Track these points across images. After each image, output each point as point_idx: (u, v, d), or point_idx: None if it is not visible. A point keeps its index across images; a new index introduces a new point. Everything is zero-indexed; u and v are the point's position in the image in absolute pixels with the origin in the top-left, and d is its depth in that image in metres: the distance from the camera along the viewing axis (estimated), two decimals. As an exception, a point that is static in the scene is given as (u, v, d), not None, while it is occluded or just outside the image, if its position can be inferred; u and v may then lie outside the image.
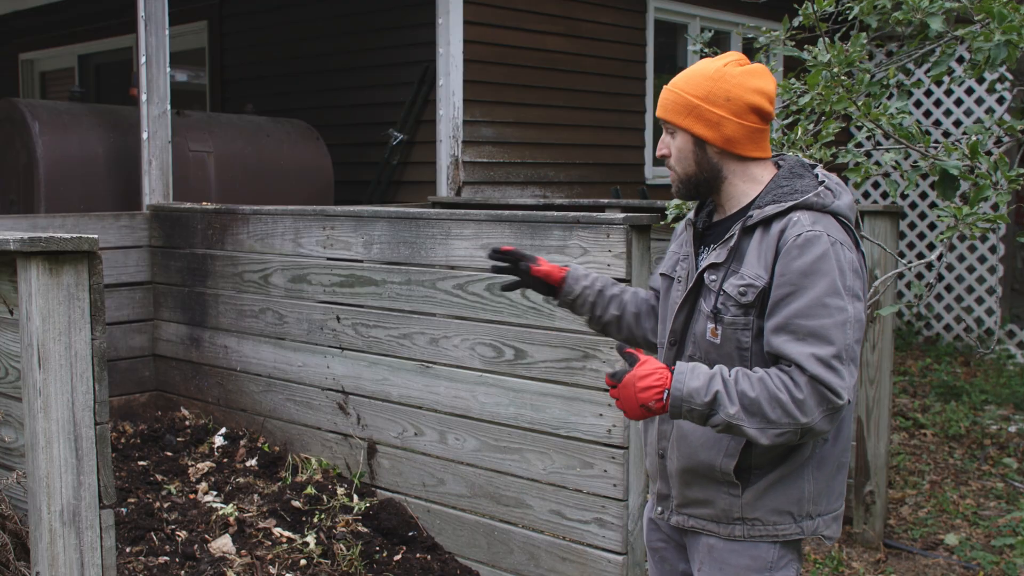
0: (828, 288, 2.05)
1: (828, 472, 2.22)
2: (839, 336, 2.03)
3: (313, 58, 7.62)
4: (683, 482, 2.27)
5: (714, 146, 2.21)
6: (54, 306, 2.51)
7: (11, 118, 5.56)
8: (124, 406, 5.02)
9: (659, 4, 7.81)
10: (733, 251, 2.18)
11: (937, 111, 8.55)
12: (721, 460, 2.19)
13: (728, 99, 2.19)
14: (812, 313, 2.04)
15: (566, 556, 3.64)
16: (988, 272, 8.38)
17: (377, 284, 4.14)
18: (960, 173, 3.04)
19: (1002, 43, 3.18)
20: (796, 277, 2.06)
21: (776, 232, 2.12)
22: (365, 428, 4.26)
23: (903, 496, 5.36)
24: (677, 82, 2.26)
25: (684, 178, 2.26)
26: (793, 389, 2.01)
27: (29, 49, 10.49)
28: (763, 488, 2.18)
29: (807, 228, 2.09)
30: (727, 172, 2.24)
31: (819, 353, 2.01)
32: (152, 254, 5.11)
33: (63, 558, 2.55)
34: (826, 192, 2.17)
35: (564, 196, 7.12)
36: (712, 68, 2.22)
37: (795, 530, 2.21)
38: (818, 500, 2.22)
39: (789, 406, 2.01)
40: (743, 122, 2.19)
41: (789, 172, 2.22)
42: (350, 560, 3.78)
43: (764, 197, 2.19)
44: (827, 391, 2.01)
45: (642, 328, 2.52)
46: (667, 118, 2.26)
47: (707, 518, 2.26)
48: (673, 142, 2.26)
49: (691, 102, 2.20)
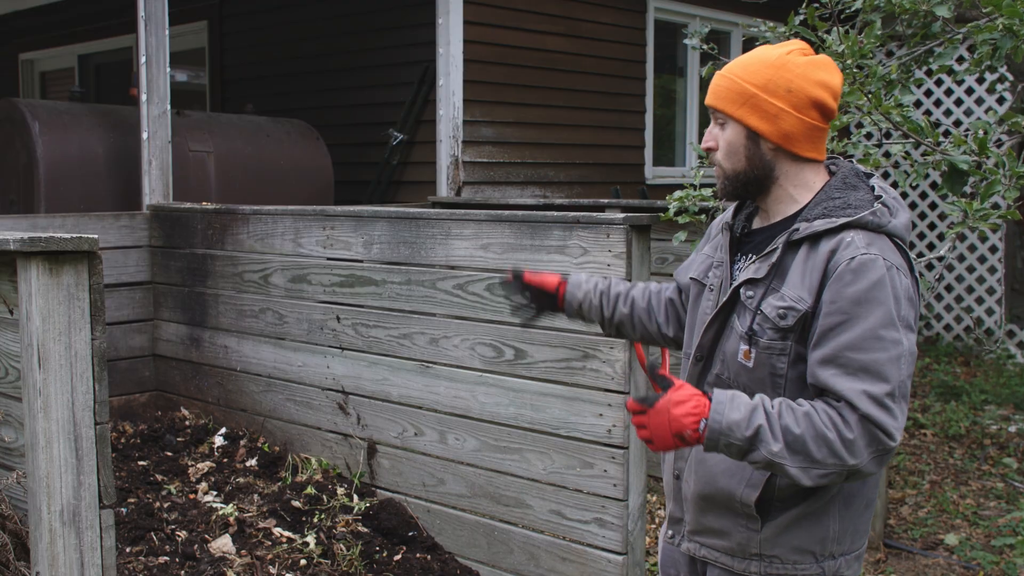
0: (883, 319, 1.86)
1: (855, 510, 2.05)
2: (893, 372, 1.86)
3: (313, 58, 7.63)
4: (698, 508, 2.11)
5: (769, 141, 2.01)
6: (54, 306, 2.51)
7: (11, 118, 5.56)
8: (124, 406, 5.02)
9: (659, 4, 7.81)
10: (775, 267, 1.98)
11: (937, 111, 8.56)
12: (743, 490, 2.02)
13: (789, 90, 1.98)
14: (865, 346, 1.86)
15: (566, 556, 3.64)
16: (988, 272, 8.38)
17: (377, 284, 4.14)
18: (968, 168, 3.03)
19: (1006, 33, 3.18)
20: (848, 305, 1.87)
21: (825, 252, 1.92)
22: (365, 428, 4.26)
23: (903, 496, 5.36)
24: (733, 68, 2.05)
25: (732, 175, 2.06)
26: (843, 428, 1.84)
27: (29, 49, 10.49)
28: (785, 524, 2.01)
29: (861, 251, 1.89)
30: (779, 172, 2.03)
31: (872, 391, 1.84)
32: (152, 254, 5.11)
33: (63, 558, 2.55)
34: (883, 210, 1.97)
35: (564, 196, 7.13)
36: (774, 55, 2.02)
37: (815, 571, 2.04)
38: (842, 539, 2.04)
39: (837, 446, 1.83)
40: (803, 117, 1.99)
41: (843, 182, 2.02)
42: (350, 560, 3.78)
43: (813, 209, 1.99)
44: (879, 431, 1.84)
45: (655, 322, 2.37)
46: (719, 107, 2.05)
47: (721, 550, 2.09)
48: (722, 134, 2.06)
49: (748, 90, 2.00)
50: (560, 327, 3.59)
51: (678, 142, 8.44)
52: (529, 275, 2.42)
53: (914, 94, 3.49)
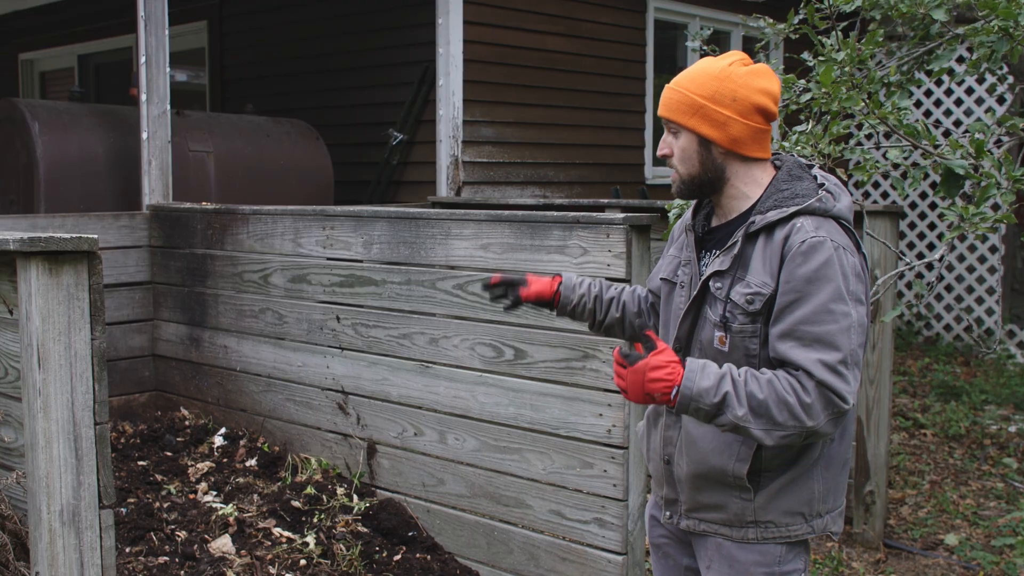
0: (833, 294, 2.06)
1: (835, 471, 2.25)
2: (844, 341, 2.05)
3: (313, 58, 7.63)
4: (693, 487, 2.27)
5: (719, 146, 2.20)
6: (54, 306, 2.51)
7: (11, 118, 5.56)
8: (124, 406, 5.02)
9: (659, 4, 7.81)
10: (737, 258, 2.18)
11: (937, 111, 8.55)
12: (733, 465, 2.19)
13: (734, 99, 2.17)
14: (817, 319, 2.05)
15: (566, 556, 3.64)
16: (988, 272, 8.38)
17: (377, 284, 4.14)
18: (965, 172, 3.04)
19: (1001, 36, 3.18)
20: (801, 284, 2.07)
21: (780, 238, 2.12)
22: (365, 428, 4.26)
23: (903, 496, 5.36)
24: (681, 81, 2.24)
25: (687, 179, 2.25)
26: (801, 393, 2.03)
27: (29, 49, 10.49)
28: (775, 491, 2.20)
29: (811, 235, 2.09)
30: (730, 173, 2.22)
31: (826, 359, 2.04)
32: (152, 254, 5.10)
33: (63, 558, 2.55)
34: (827, 196, 2.17)
35: (564, 196, 7.12)
36: (717, 67, 2.20)
37: (806, 529, 2.23)
38: (826, 498, 2.24)
39: (796, 409, 2.03)
40: (748, 122, 2.18)
41: (788, 174, 2.22)
42: (350, 560, 3.78)
43: (765, 202, 2.18)
44: (834, 396, 2.04)
45: (645, 326, 2.54)
46: (671, 117, 2.23)
47: (719, 522, 2.26)
48: (676, 142, 2.25)
49: (697, 102, 2.19)
50: (560, 327, 3.58)
51: (678, 142, 8.42)
52: (525, 292, 2.54)
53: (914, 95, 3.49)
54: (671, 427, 2.31)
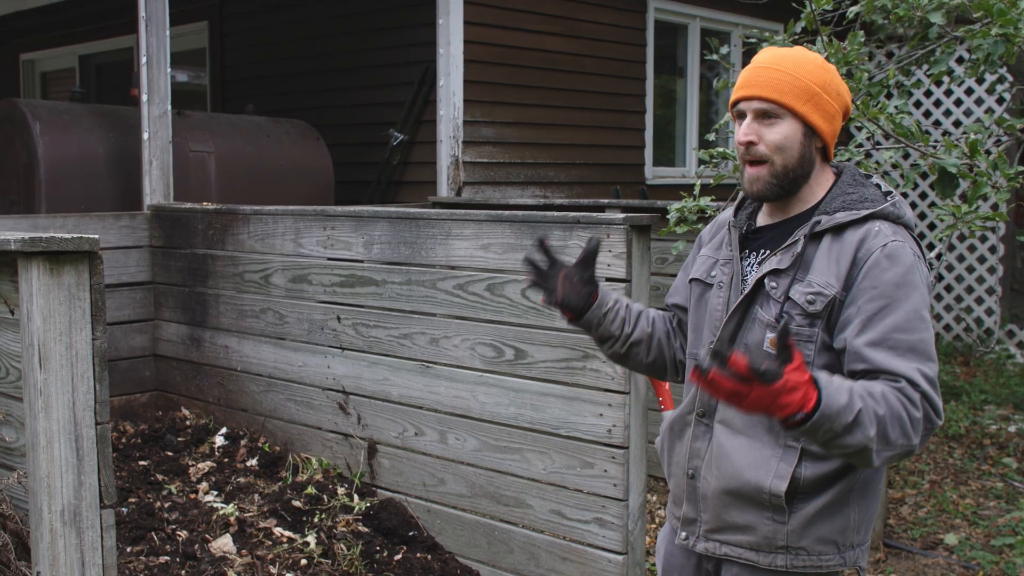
0: (921, 301, 1.94)
1: (870, 499, 2.10)
2: (933, 352, 1.93)
3: (313, 58, 7.63)
4: (721, 504, 2.09)
5: (821, 139, 2.06)
6: (55, 306, 2.51)
7: (12, 118, 5.57)
8: (125, 406, 5.03)
9: (659, 4, 7.82)
10: (799, 258, 2.02)
11: (937, 111, 8.56)
12: (771, 482, 2.01)
13: (839, 93, 2.07)
14: (911, 327, 1.92)
15: (566, 556, 3.65)
16: (988, 272, 8.38)
17: (377, 284, 4.15)
18: (959, 171, 3.04)
19: (1000, 39, 3.18)
20: (890, 289, 1.93)
21: (853, 241, 1.98)
22: (365, 428, 4.26)
23: (903, 496, 5.36)
24: (785, 64, 2.05)
25: (782, 171, 2.04)
26: (910, 407, 1.87)
27: (30, 49, 10.49)
28: (810, 515, 2.03)
29: (891, 239, 1.97)
30: (812, 171, 2.09)
31: (924, 370, 1.90)
32: (153, 254, 5.11)
33: (64, 558, 2.55)
34: (900, 202, 2.07)
35: (564, 196, 7.13)
36: (819, 58, 2.08)
37: (838, 561, 2.06)
38: (859, 528, 2.09)
39: (908, 426, 1.86)
40: (842, 121, 2.10)
41: (852, 179, 2.10)
42: (350, 560, 3.79)
43: (831, 203, 2.05)
44: (931, 410, 1.89)
45: (672, 347, 2.34)
46: (781, 100, 2.02)
47: (746, 546, 2.08)
48: (772, 128, 2.04)
49: (812, 88, 2.03)
50: (560, 327, 3.59)
51: (678, 142, 8.45)
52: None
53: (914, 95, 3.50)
54: (699, 438, 2.14)
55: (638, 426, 3.46)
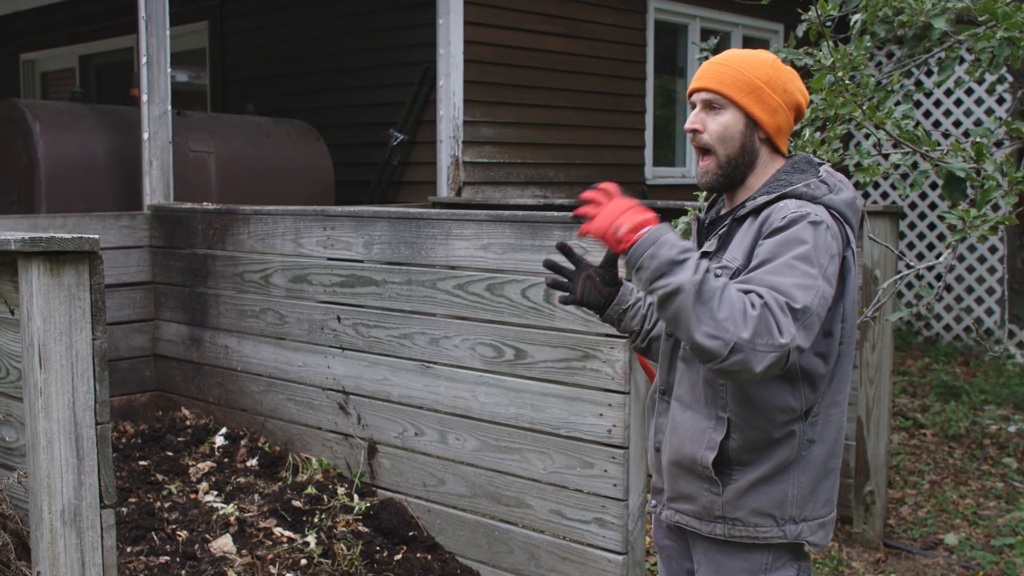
0: (798, 255, 1.98)
1: (813, 476, 2.17)
2: (798, 294, 1.93)
3: (314, 58, 7.63)
4: (671, 475, 2.25)
5: (764, 131, 2.19)
6: (55, 306, 2.52)
7: (12, 118, 5.57)
8: (125, 406, 5.03)
9: (659, 4, 7.82)
10: (723, 239, 2.19)
11: (937, 111, 8.56)
12: (701, 453, 2.15)
13: (785, 90, 2.19)
14: (776, 271, 1.97)
15: (566, 556, 3.65)
16: (988, 272, 8.38)
17: (377, 284, 4.15)
18: (967, 175, 3.04)
19: (1004, 42, 3.18)
20: (773, 246, 2.02)
21: (762, 218, 2.12)
22: (365, 428, 4.26)
23: (903, 496, 5.36)
24: (732, 60, 2.20)
25: (725, 160, 2.19)
26: (747, 304, 1.90)
27: (30, 50, 10.50)
28: (744, 487, 2.14)
29: (792, 211, 2.06)
30: (758, 161, 2.21)
31: (776, 294, 1.93)
32: (153, 254, 5.11)
33: (64, 558, 2.55)
34: (819, 184, 2.15)
35: (564, 196, 7.13)
36: (769, 57, 2.22)
37: (776, 533, 2.16)
38: (802, 504, 2.16)
39: (738, 315, 1.89)
40: (790, 116, 2.21)
41: (792, 167, 2.21)
42: (350, 560, 3.79)
43: (761, 190, 2.18)
44: (775, 324, 1.90)
45: None
46: (722, 91, 2.17)
47: (691, 514, 2.23)
48: (716, 118, 2.19)
49: (754, 82, 2.17)
50: (560, 327, 3.59)
51: (678, 142, 8.45)
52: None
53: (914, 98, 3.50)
54: (662, 414, 2.29)
55: (638, 426, 3.46)
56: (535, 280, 3.64)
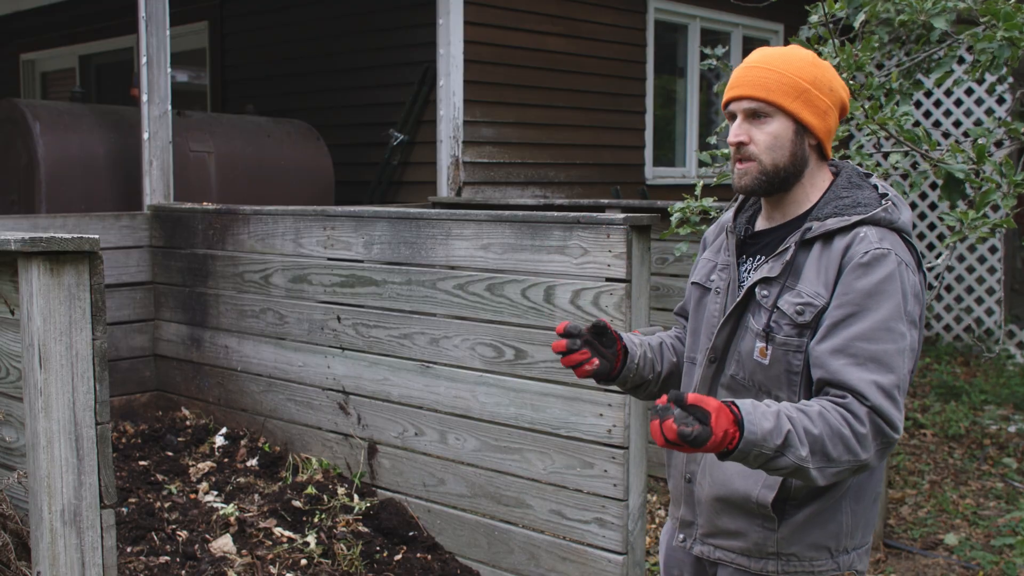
0: (893, 311, 1.89)
1: (865, 503, 2.08)
2: (899, 364, 1.88)
3: (314, 58, 7.63)
4: (713, 511, 2.10)
5: (814, 137, 2.02)
6: (55, 306, 2.52)
7: (12, 118, 5.57)
8: (125, 406, 5.03)
9: (659, 4, 7.82)
10: (788, 265, 1.99)
11: (937, 111, 8.56)
12: (759, 491, 2.02)
13: (831, 89, 2.02)
14: (875, 337, 1.87)
15: (566, 556, 3.65)
16: (988, 272, 8.38)
17: (377, 284, 4.15)
18: (966, 176, 3.03)
19: (1005, 43, 3.18)
20: (860, 297, 1.90)
21: (840, 248, 1.95)
22: (365, 428, 4.26)
23: (903, 496, 5.36)
24: (773, 62, 2.01)
25: (772, 169, 2.01)
26: (854, 423, 1.83)
27: (30, 50, 10.50)
28: (800, 522, 2.02)
29: (875, 246, 1.92)
30: (807, 170, 2.04)
31: (880, 381, 1.86)
32: (153, 254, 5.11)
33: (64, 558, 2.55)
34: (893, 207, 2.01)
35: (564, 196, 7.13)
36: (809, 54, 2.04)
37: (831, 566, 2.05)
38: (854, 533, 2.07)
39: (851, 442, 1.83)
40: (837, 117, 2.05)
41: (848, 181, 2.05)
42: (351, 560, 3.79)
43: (823, 208, 2.01)
44: (884, 424, 1.85)
45: None
46: (770, 98, 1.99)
47: (737, 551, 2.09)
48: (762, 127, 2.01)
49: (801, 84, 1.99)
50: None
51: (678, 142, 8.45)
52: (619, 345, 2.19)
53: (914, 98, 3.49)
54: None
55: (638, 426, 3.46)
56: (535, 280, 3.64)
